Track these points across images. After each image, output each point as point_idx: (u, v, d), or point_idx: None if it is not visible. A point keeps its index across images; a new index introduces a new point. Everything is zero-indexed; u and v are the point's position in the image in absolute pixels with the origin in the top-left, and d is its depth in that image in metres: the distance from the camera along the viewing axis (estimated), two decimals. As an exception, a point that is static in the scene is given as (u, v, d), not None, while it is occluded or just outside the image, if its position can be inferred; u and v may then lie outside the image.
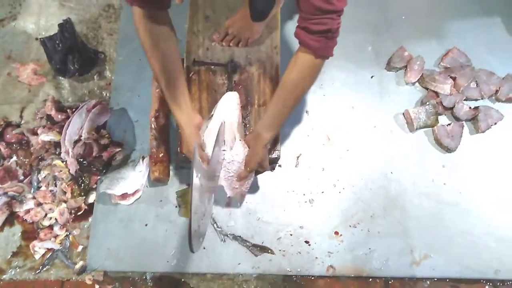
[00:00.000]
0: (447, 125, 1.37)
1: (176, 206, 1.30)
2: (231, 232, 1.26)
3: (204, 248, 1.24)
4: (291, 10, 1.43)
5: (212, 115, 1.09)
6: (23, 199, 1.32)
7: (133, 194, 1.30)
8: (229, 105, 1.11)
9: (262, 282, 1.24)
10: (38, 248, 1.28)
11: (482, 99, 1.43)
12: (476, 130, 1.40)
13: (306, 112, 1.41)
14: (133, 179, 1.30)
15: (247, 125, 1.23)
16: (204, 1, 1.34)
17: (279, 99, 1.07)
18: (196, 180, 0.93)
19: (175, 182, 1.33)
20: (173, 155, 1.34)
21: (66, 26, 1.50)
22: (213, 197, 1.10)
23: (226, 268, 1.24)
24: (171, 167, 1.34)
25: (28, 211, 1.31)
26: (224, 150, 1.09)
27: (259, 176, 1.32)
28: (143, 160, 1.33)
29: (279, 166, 1.34)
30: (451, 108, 1.40)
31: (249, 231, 1.27)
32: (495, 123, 1.39)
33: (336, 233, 1.27)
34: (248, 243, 1.25)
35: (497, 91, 1.42)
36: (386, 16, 1.55)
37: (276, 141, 1.22)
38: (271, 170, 1.33)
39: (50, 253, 1.28)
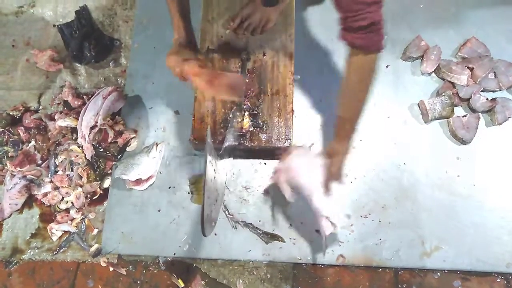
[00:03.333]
0: (462, 117, 1.34)
1: (188, 193, 1.32)
2: (242, 219, 1.28)
3: (215, 234, 1.26)
4: (306, -2, 1.42)
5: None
6: (41, 183, 1.36)
7: (147, 180, 1.32)
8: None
9: (272, 269, 1.26)
10: (55, 230, 1.32)
11: (500, 90, 1.40)
12: (492, 122, 1.37)
13: (320, 100, 1.40)
14: (147, 165, 1.32)
15: (260, 114, 1.23)
16: (218, -11, 1.34)
17: (343, 108, 1.07)
18: (209, 165, 0.94)
19: (188, 170, 1.34)
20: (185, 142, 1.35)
21: (82, 13, 1.53)
22: (225, 183, 1.11)
23: (237, 255, 1.26)
24: (183, 154, 1.36)
25: (45, 194, 1.35)
26: None
27: (271, 165, 1.33)
28: (156, 146, 1.35)
29: (291, 155, 1.34)
30: (468, 100, 1.37)
31: (260, 218, 1.28)
32: (513, 115, 1.36)
33: (347, 222, 1.28)
34: (259, 231, 1.26)
35: (516, 83, 1.39)
36: (403, 4, 1.52)
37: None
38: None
39: (67, 236, 1.32)
